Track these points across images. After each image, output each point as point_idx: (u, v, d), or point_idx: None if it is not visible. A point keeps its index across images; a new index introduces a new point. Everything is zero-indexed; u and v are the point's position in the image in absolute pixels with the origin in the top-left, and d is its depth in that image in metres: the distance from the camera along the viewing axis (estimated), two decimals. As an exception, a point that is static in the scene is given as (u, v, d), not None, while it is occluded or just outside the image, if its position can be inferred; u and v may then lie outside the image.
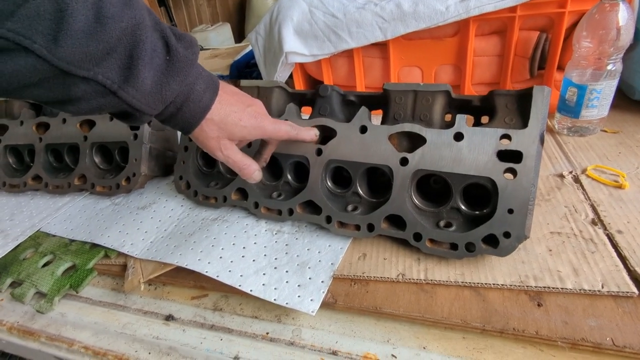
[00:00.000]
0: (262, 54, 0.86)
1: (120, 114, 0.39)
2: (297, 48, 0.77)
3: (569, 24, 0.65)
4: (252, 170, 0.48)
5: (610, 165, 0.57)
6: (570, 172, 0.57)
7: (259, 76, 1.02)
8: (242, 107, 0.45)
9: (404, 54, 0.76)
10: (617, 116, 0.68)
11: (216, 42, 2.84)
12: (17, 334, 0.54)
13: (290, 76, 0.85)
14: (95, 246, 0.61)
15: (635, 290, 0.40)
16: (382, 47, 0.76)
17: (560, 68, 0.70)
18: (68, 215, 0.70)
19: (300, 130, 0.51)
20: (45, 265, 0.60)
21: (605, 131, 0.65)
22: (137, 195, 0.71)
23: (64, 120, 0.77)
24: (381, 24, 0.72)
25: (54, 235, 0.66)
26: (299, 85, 0.86)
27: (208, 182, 0.65)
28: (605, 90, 0.59)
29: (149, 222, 0.63)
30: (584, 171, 0.57)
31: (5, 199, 0.80)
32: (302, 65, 0.83)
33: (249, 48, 1.32)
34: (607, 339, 0.37)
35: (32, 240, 0.66)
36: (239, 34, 3.15)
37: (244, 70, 1.11)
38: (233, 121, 0.44)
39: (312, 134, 0.52)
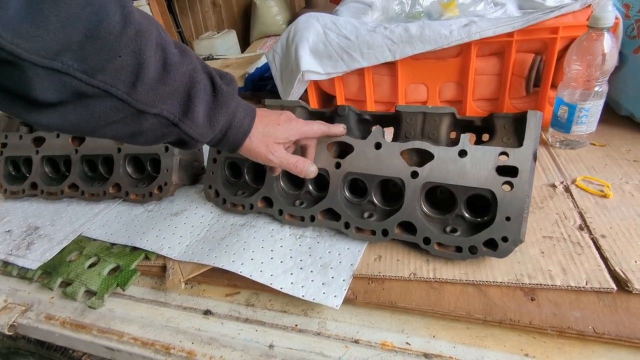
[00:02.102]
0: (279, 71, 0.93)
1: (178, 142, 0.47)
2: (312, 67, 0.84)
3: (561, 48, 0.72)
4: (305, 164, 0.56)
5: (597, 176, 0.64)
6: (562, 183, 0.64)
7: (273, 88, 1.09)
8: (276, 117, 0.54)
9: (411, 72, 0.83)
10: (605, 130, 0.75)
11: (222, 49, 2.91)
12: (69, 327, 0.61)
13: (305, 91, 0.92)
14: (135, 249, 0.68)
15: (614, 286, 0.47)
16: (390, 66, 0.83)
17: (554, 86, 0.77)
18: (105, 220, 0.77)
19: (330, 126, 0.59)
20: (90, 266, 0.67)
21: (594, 144, 0.72)
22: (168, 203, 0.78)
23: (99, 133, 0.83)
24: (390, 46, 0.79)
25: (95, 240, 0.73)
26: (313, 99, 0.93)
27: (235, 191, 0.72)
28: (592, 109, 0.66)
29: (183, 227, 0.69)
30: (573, 181, 0.64)
31: (44, 205, 0.87)
32: (316, 82, 0.90)
33: (261, 60, 1.39)
34: (589, 327, 0.44)
35: (76, 244, 0.73)
36: (244, 41, 3.22)
37: (258, 83, 1.18)
38: (273, 128, 0.52)
39: (341, 128, 0.60)
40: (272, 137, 0.52)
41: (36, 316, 0.64)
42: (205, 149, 0.83)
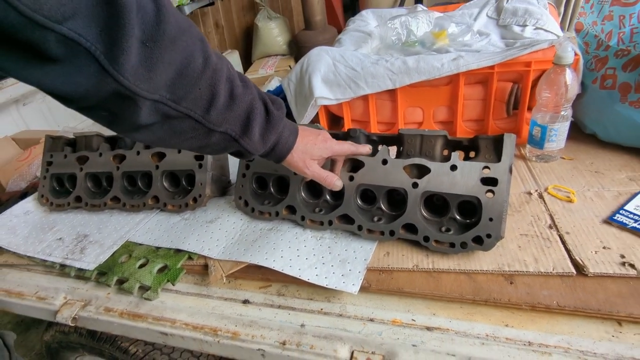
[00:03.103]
0: (293, 97, 1.06)
1: (236, 153, 0.61)
2: (324, 94, 0.97)
3: (534, 78, 0.86)
4: (333, 179, 0.70)
5: (565, 185, 0.77)
6: (536, 191, 0.77)
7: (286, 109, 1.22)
8: (314, 137, 0.67)
9: (409, 98, 0.97)
10: (573, 146, 0.89)
11: (226, 68, 3.05)
12: (127, 317, 0.72)
13: (316, 113, 1.05)
14: (179, 251, 0.80)
15: (574, 271, 0.59)
16: (391, 92, 0.96)
17: (530, 109, 0.90)
18: (148, 228, 0.89)
19: (358, 146, 0.72)
20: (141, 266, 0.79)
21: (564, 158, 0.86)
22: (202, 212, 0.90)
23: (138, 153, 0.96)
24: (391, 76, 0.93)
25: (141, 244, 0.84)
26: (323, 120, 1.06)
27: (262, 201, 0.84)
28: (560, 129, 0.80)
29: (218, 232, 0.81)
30: (546, 189, 0.77)
31: (88, 216, 0.98)
32: (326, 106, 1.03)
33: (272, 83, 1.52)
34: (554, 302, 0.56)
35: (124, 248, 0.84)
36: (247, 60, 3.37)
37: (270, 105, 1.31)
38: (310, 147, 0.65)
39: (368, 148, 0.73)
40: (309, 154, 0.65)
41: (96, 309, 0.76)
42: (234, 165, 0.95)
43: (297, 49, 3.06)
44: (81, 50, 0.38)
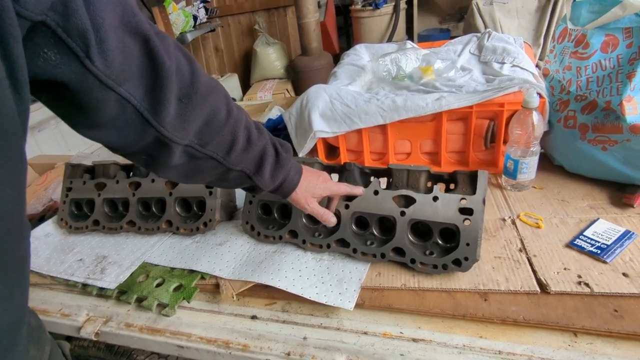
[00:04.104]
0: (294, 128, 1.17)
1: (249, 188, 0.71)
2: (322, 127, 1.08)
3: (507, 116, 0.97)
4: (329, 216, 0.80)
5: (535, 212, 0.88)
6: (509, 217, 0.88)
7: (286, 138, 1.32)
8: (316, 177, 0.77)
9: (398, 132, 1.08)
10: (544, 176, 1.00)
11: (226, 91, 3.18)
12: (146, 332, 0.81)
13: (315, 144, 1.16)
14: (192, 271, 0.88)
15: (538, 289, 0.69)
16: (382, 127, 1.07)
17: (505, 142, 1.02)
18: (162, 250, 0.98)
19: (352, 188, 0.82)
20: (157, 285, 0.87)
21: (535, 187, 0.96)
22: (212, 235, 0.99)
23: (153, 180, 1.05)
24: (382, 113, 1.04)
25: (157, 265, 0.93)
26: (320, 150, 1.17)
27: (267, 225, 0.94)
28: (530, 163, 0.91)
29: (228, 254, 0.91)
30: (518, 216, 0.88)
31: (105, 238, 1.07)
32: (323, 138, 1.14)
33: (272, 112, 1.64)
34: (521, 316, 0.66)
35: (142, 269, 0.93)
36: (245, 83, 3.51)
37: (272, 133, 1.42)
38: (312, 186, 0.76)
39: (361, 190, 0.83)
40: (311, 192, 0.75)
41: (117, 325, 0.84)
42: (240, 192, 1.05)
43: (294, 74, 3.20)
44: (130, 109, 0.49)
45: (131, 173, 1.12)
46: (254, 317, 0.79)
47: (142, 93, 0.49)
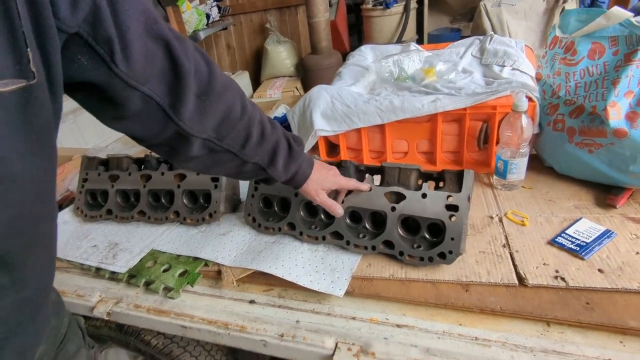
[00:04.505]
0: (297, 127, 1.23)
1: (263, 180, 0.77)
2: (323, 126, 1.13)
3: (500, 119, 1.01)
4: (337, 208, 0.85)
5: (522, 211, 0.92)
6: (497, 215, 0.92)
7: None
8: (326, 171, 0.83)
9: (396, 131, 1.13)
10: (534, 176, 1.03)
11: (236, 88, 3.25)
12: (153, 313, 0.87)
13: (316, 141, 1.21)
14: (196, 259, 0.95)
15: (516, 282, 0.74)
16: (380, 126, 1.12)
17: (498, 143, 1.06)
18: (170, 239, 1.04)
19: (359, 184, 0.87)
20: (164, 271, 0.94)
21: (524, 187, 1.00)
22: (216, 226, 1.05)
23: (162, 173, 1.12)
24: (380, 113, 1.09)
25: (164, 252, 1.00)
26: (322, 148, 1.22)
27: (267, 218, 0.99)
28: (520, 164, 0.95)
29: (230, 244, 0.97)
30: (505, 214, 0.92)
31: (117, 227, 1.14)
32: (325, 136, 1.19)
33: (279, 110, 1.70)
34: (498, 306, 0.71)
35: (150, 255, 1.00)
36: (255, 81, 3.57)
37: (277, 131, 1.48)
38: (323, 179, 0.81)
39: (367, 186, 0.88)
40: (321, 185, 0.81)
41: (127, 306, 0.91)
42: (244, 185, 1.11)
43: (303, 72, 3.26)
44: (153, 104, 0.55)
45: (142, 166, 1.19)
46: (252, 302, 0.85)
47: (163, 91, 0.55)
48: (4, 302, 0.49)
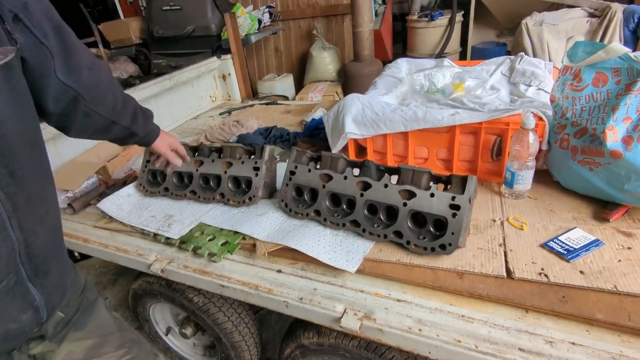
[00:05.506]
0: (330, 129, 1.39)
1: (128, 136, 1.06)
2: (353, 130, 1.29)
3: (512, 134, 1.12)
4: (176, 159, 1.27)
5: (523, 217, 1.02)
6: (500, 219, 1.04)
7: (324, 137, 1.54)
8: (168, 136, 1.23)
9: (418, 139, 1.26)
10: (541, 189, 1.13)
11: (281, 89, 3.47)
12: (199, 273, 1.06)
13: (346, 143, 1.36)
14: (236, 233, 1.13)
15: (504, 274, 0.86)
16: (404, 134, 1.26)
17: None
18: (215, 215, 1.23)
19: (185, 156, 1.25)
20: (209, 240, 1.13)
21: (530, 197, 1.11)
22: (254, 208, 1.23)
23: (213, 160, 1.32)
24: (404, 122, 1.22)
25: (210, 225, 1.19)
26: (351, 149, 1.37)
27: (297, 205, 1.16)
28: (526, 175, 1.06)
29: (264, 223, 1.14)
30: (507, 219, 1.03)
31: (172, 202, 1.35)
32: (354, 138, 1.34)
33: (317, 113, 1.87)
34: (486, 293, 0.83)
35: (198, 227, 1.19)
36: (299, 83, 3.77)
37: (313, 131, 1.65)
38: (167, 139, 1.22)
39: (179, 161, 1.26)
40: (167, 143, 1.22)
41: (177, 265, 1.10)
42: (280, 176, 1.28)
43: (345, 78, 3.42)
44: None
45: (196, 153, 1.39)
46: (279, 271, 1.01)
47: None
48: (42, 227, 0.71)
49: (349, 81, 3.30)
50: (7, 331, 0.67)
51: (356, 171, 1.11)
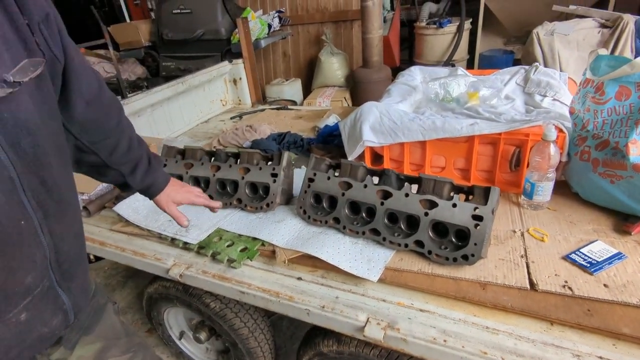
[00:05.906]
0: (347, 136, 1.39)
1: (120, 185, 0.93)
2: (370, 138, 1.29)
3: (531, 145, 1.12)
4: (183, 220, 1.00)
5: (543, 229, 1.03)
6: (520, 230, 1.04)
7: (339, 144, 1.54)
8: (179, 187, 1.01)
9: (435, 148, 1.26)
10: (560, 200, 1.14)
11: (289, 94, 3.48)
12: (218, 278, 1.06)
13: (363, 151, 1.37)
14: (255, 239, 1.13)
15: (528, 286, 0.86)
16: (422, 142, 1.26)
17: (528, 167, 1.17)
18: (232, 220, 1.24)
19: (210, 202, 1.05)
20: (228, 246, 1.13)
21: (549, 209, 1.11)
22: (272, 214, 1.24)
23: (230, 166, 1.32)
24: (422, 131, 1.23)
25: (228, 231, 1.19)
26: (367, 157, 1.38)
27: (316, 212, 1.16)
28: (545, 187, 1.06)
29: (283, 230, 1.14)
30: (527, 230, 1.03)
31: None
32: (370, 146, 1.35)
33: (330, 119, 1.87)
34: (510, 304, 0.83)
35: (216, 232, 1.19)
36: (307, 88, 3.78)
37: (327, 138, 1.65)
38: (174, 193, 0.99)
39: (219, 204, 1.07)
40: (172, 198, 0.98)
41: (196, 270, 1.10)
42: (297, 182, 1.28)
43: (353, 83, 3.42)
44: None
45: (213, 158, 1.39)
46: (299, 279, 1.02)
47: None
48: (69, 233, 0.71)
49: (358, 87, 3.31)
50: (41, 335, 0.68)
51: (375, 179, 1.12)
